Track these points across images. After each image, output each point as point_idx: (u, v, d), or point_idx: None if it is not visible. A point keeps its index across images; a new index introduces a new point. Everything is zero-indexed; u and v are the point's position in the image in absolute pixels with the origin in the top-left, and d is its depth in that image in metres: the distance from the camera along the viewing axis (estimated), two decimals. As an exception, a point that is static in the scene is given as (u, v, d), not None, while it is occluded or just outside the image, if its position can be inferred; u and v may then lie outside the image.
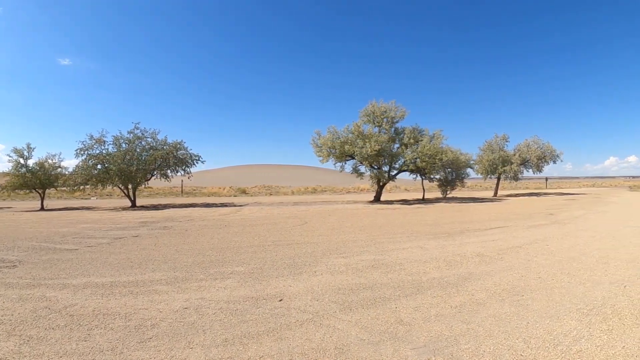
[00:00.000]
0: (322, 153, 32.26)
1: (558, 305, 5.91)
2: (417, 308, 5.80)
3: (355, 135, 31.65)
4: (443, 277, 7.60)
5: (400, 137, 33.68)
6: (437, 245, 11.11)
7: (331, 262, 8.94)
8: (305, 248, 10.69)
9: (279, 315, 5.46)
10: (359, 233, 13.64)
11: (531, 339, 4.69)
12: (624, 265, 8.51)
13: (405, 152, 32.37)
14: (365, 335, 4.78)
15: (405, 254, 9.80)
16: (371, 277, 7.60)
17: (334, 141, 31.79)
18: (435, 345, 4.52)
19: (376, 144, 29.65)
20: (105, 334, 4.89)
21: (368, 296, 6.37)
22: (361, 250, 10.40)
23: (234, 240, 12.22)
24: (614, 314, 5.55)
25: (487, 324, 5.19)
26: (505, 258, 9.30)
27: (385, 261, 9.00)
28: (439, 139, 33.32)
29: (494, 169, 43.22)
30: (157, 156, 29.76)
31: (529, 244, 11.08)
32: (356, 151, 30.56)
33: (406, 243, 11.46)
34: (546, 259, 9.21)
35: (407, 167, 33.42)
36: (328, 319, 5.34)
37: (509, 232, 13.54)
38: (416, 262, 8.87)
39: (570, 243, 11.26)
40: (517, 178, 44.25)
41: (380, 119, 32.82)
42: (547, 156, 43.57)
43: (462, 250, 10.21)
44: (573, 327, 5.06)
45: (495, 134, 46.29)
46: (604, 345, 4.52)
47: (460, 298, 6.30)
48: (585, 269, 8.15)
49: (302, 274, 7.79)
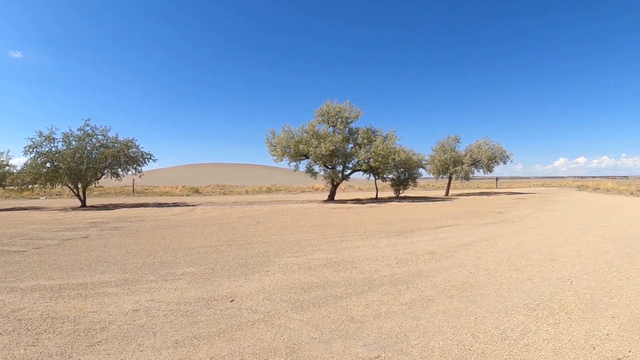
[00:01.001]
0: (277, 152, 32.19)
1: (506, 301, 6.11)
2: (368, 305, 5.87)
3: (310, 134, 31.70)
4: (394, 274, 7.72)
5: (354, 137, 34.06)
6: (389, 243, 11.26)
7: (284, 261, 8.93)
8: (258, 248, 10.61)
9: (230, 316, 5.42)
10: (312, 232, 13.68)
11: (479, 334, 4.83)
12: (571, 261, 8.88)
13: (359, 152, 32.70)
14: (316, 333, 4.81)
15: (357, 253, 9.90)
16: (323, 275, 7.64)
17: (288, 140, 31.82)
18: (386, 341, 4.60)
19: (330, 143, 29.82)
20: (54, 338, 4.72)
21: (320, 295, 6.40)
22: (314, 249, 10.43)
23: (185, 240, 12.00)
24: (560, 308, 5.78)
25: (436, 319, 5.31)
26: (455, 255, 9.54)
27: (338, 260, 9.07)
28: (392, 139, 33.82)
29: (446, 169, 44.18)
30: (107, 154, 28.66)
31: (479, 242, 11.42)
32: (310, 151, 30.65)
33: (358, 242, 11.58)
34: (495, 256, 9.51)
35: (361, 167, 33.80)
36: (279, 318, 5.33)
37: (459, 231, 13.89)
38: (368, 261, 8.98)
39: (519, 240, 11.67)
40: (468, 178, 45.43)
41: (335, 119, 33.09)
42: (497, 157, 44.95)
43: (413, 248, 10.39)
44: (521, 321, 5.25)
45: (447, 135, 47.44)
46: (550, 338, 4.70)
47: (411, 295, 6.41)
48: (533, 266, 8.46)
49: (254, 274, 7.74)
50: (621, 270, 8.06)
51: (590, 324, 5.16)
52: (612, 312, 5.63)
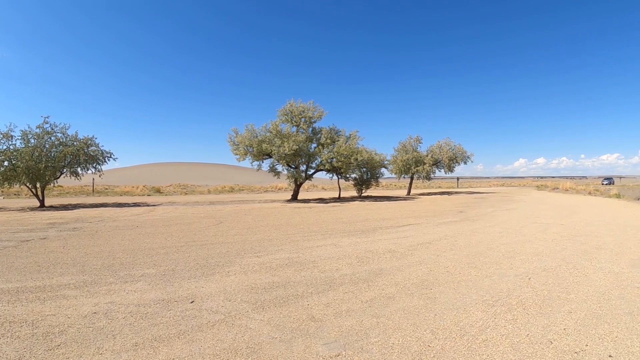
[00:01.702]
0: (239, 151, 31.86)
1: (465, 298, 6.19)
2: (328, 304, 5.86)
3: (273, 134, 31.61)
4: (355, 273, 7.74)
5: (318, 137, 34.12)
6: (351, 242, 11.29)
7: (245, 261, 8.83)
8: (220, 248, 10.48)
9: (191, 317, 5.34)
10: (274, 232, 13.59)
11: (439, 330, 4.86)
12: (529, 258, 9.08)
13: (322, 151, 32.79)
14: (277, 333, 4.78)
15: (319, 252, 9.90)
16: (285, 275, 7.60)
17: (251, 139, 31.56)
18: (346, 339, 4.60)
19: (294, 143, 29.79)
20: (12, 342, 4.55)
21: (281, 294, 6.37)
22: (276, 249, 10.36)
23: (145, 241, 11.73)
24: (518, 304, 5.88)
25: (396, 317, 5.33)
26: (416, 253, 9.63)
27: (300, 259, 9.05)
28: (355, 139, 34.06)
29: (408, 168, 44.69)
30: (67, 152, 27.69)
31: (439, 240, 11.56)
32: (274, 150, 30.56)
33: (321, 241, 11.57)
34: (455, 253, 9.64)
35: (324, 167, 33.89)
36: (240, 318, 5.28)
37: (420, 229, 14.05)
38: (329, 260, 8.98)
39: (479, 238, 11.87)
40: (430, 178, 46.06)
41: (298, 118, 33.11)
42: (458, 157, 45.79)
43: (374, 247, 10.44)
44: (479, 317, 5.31)
45: (409, 135, 48.03)
46: (508, 334, 4.78)
47: (371, 293, 6.43)
48: (491, 263, 8.62)
49: (214, 275, 7.64)
50: (578, 267, 8.27)
51: (547, 319, 5.26)
52: (569, 307, 5.76)
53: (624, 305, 5.86)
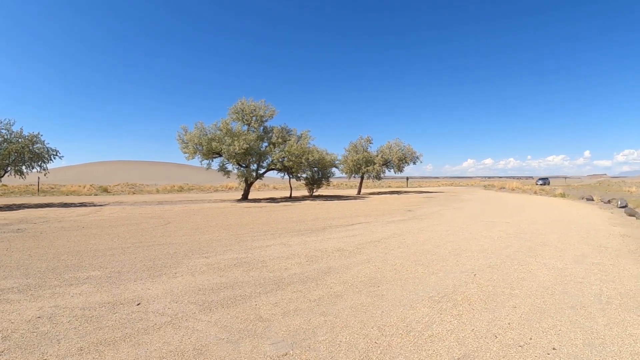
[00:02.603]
0: (188, 150, 31.23)
1: (412, 294, 6.27)
2: (276, 304, 5.84)
3: (224, 132, 31.14)
4: (304, 272, 7.74)
5: (269, 136, 33.95)
6: (300, 241, 11.28)
7: (193, 262, 8.68)
8: (167, 249, 10.24)
9: (137, 320, 5.21)
10: (223, 232, 13.41)
11: (385, 327, 4.90)
12: (475, 255, 9.31)
13: (273, 151, 32.67)
14: (224, 334, 4.72)
15: (268, 252, 9.84)
16: (232, 276, 7.51)
17: (201, 137, 31.02)
18: (294, 338, 4.59)
19: (244, 142, 29.50)
20: None
21: (228, 295, 6.29)
22: (225, 249, 10.23)
23: (91, 242, 11.32)
24: (464, 300, 6.01)
25: (344, 314, 5.35)
26: (364, 252, 9.71)
27: (248, 259, 8.96)
28: (306, 139, 34.13)
29: (358, 168, 45.15)
30: (11, 150, 26.43)
31: (387, 238, 11.71)
32: (224, 149, 30.08)
33: (270, 240, 11.50)
34: (402, 251, 9.78)
35: (275, 166, 33.77)
36: (187, 320, 5.19)
37: (369, 228, 14.20)
38: (278, 259, 8.95)
39: (426, 237, 12.09)
40: (380, 177, 46.68)
41: (250, 117, 32.76)
42: (407, 157, 46.62)
43: (323, 246, 10.47)
44: (425, 313, 5.39)
45: (360, 136, 48.59)
46: (454, 329, 4.87)
47: (320, 291, 6.44)
48: (438, 260, 8.79)
49: (161, 276, 7.47)
50: (522, 263, 8.54)
51: (492, 314, 5.39)
52: (513, 302, 5.91)
53: (567, 300, 6.07)
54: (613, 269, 8.12)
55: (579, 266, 8.35)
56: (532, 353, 4.28)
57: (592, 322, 5.17)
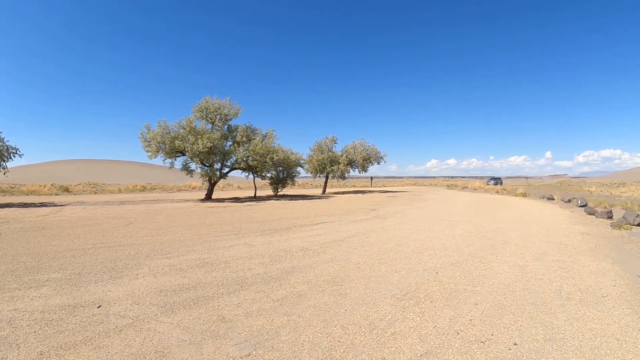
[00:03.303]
0: (151, 148, 30.47)
1: (375, 293, 6.31)
2: (239, 304, 5.79)
3: (187, 130, 30.54)
4: (267, 272, 7.70)
5: (233, 135, 33.57)
6: (264, 241, 11.22)
7: (155, 263, 8.53)
8: (129, 250, 10.04)
9: (98, 323, 5.09)
10: (186, 232, 13.22)
11: (349, 325, 4.92)
12: (437, 253, 9.44)
13: (237, 150, 32.34)
14: (186, 336, 4.67)
15: (231, 252, 9.75)
16: (195, 276, 7.42)
17: (163, 136, 30.28)
18: (257, 339, 4.57)
19: (208, 140, 29.04)
20: None
21: (191, 296, 6.21)
22: (187, 250, 10.09)
23: (52, 244, 10.98)
24: (426, 297, 6.08)
25: (307, 314, 5.34)
26: (328, 251, 9.74)
27: (211, 260, 8.86)
28: (271, 138, 33.96)
29: (323, 168, 45.22)
30: None
31: (351, 237, 11.77)
32: (187, 147, 29.51)
33: (233, 241, 11.40)
34: (366, 250, 9.84)
35: (239, 165, 33.42)
36: (149, 322, 5.10)
37: (333, 227, 14.24)
38: (242, 259, 8.87)
39: (389, 235, 12.21)
40: (344, 177, 46.91)
41: (214, 115, 32.29)
42: (372, 157, 46.97)
43: (287, 246, 10.44)
44: (388, 311, 5.43)
45: (325, 136, 48.69)
46: (416, 326, 4.92)
47: (283, 291, 6.42)
48: (401, 258, 8.88)
49: (123, 278, 7.31)
50: (484, 261, 8.69)
51: (454, 311, 5.46)
52: (475, 299, 6.01)
53: (528, 296, 6.21)
54: (573, 266, 8.34)
55: (540, 263, 8.55)
56: (494, 349, 4.35)
57: (552, 317, 5.30)
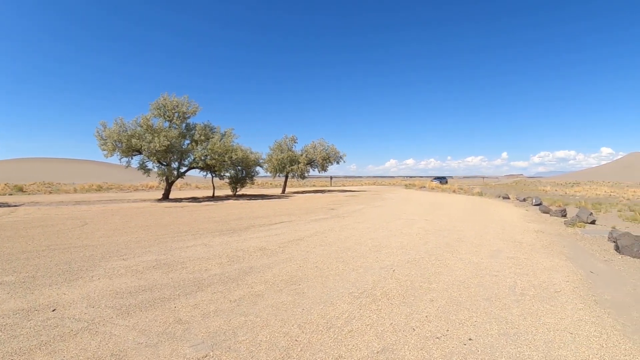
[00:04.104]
0: (107, 147, 29.42)
1: (332, 291, 6.36)
2: (196, 305, 5.74)
3: (144, 128, 29.69)
4: (224, 272, 7.65)
5: (192, 134, 32.91)
6: (222, 242, 11.12)
7: (110, 265, 8.34)
8: (84, 252, 9.77)
9: (52, 327, 4.98)
10: (142, 233, 12.97)
11: (306, 324, 4.95)
12: (394, 252, 9.57)
13: (195, 148, 31.76)
14: (143, 338, 4.61)
15: (188, 253, 9.63)
16: (151, 278, 7.30)
17: (120, 134, 29.22)
18: (214, 340, 4.55)
19: (165, 139, 28.40)
20: None
21: (147, 298, 6.12)
22: (143, 251, 9.91)
23: (5, 246, 10.58)
24: (383, 295, 6.16)
25: (264, 314, 5.34)
26: (286, 250, 9.74)
27: (168, 261, 8.73)
28: (230, 137, 33.49)
29: (283, 167, 45.09)
30: None
31: (310, 237, 11.82)
32: (144, 146, 28.74)
33: (191, 241, 11.26)
34: (324, 249, 9.90)
35: (197, 164, 32.86)
36: (104, 325, 5.01)
37: (292, 226, 14.24)
38: (199, 260, 8.78)
39: (347, 234, 12.31)
40: (304, 176, 46.88)
41: (172, 113, 31.56)
42: (331, 157, 47.10)
43: (245, 246, 10.38)
44: (345, 309, 5.48)
45: (285, 135, 48.49)
46: (373, 323, 4.99)
47: (240, 292, 6.39)
48: (359, 257, 8.97)
49: (78, 280, 7.14)
50: (440, 258, 8.87)
51: (410, 308, 5.56)
52: (430, 296, 6.13)
53: (483, 292, 6.37)
54: (527, 263, 8.60)
55: (495, 260, 8.78)
56: (449, 344, 4.45)
57: (506, 313, 5.45)
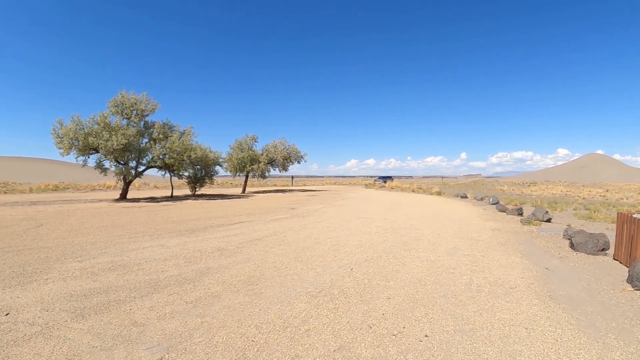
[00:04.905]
0: (64, 145, 28.42)
1: (290, 291, 6.37)
2: (152, 307, 5.66)
3: (101, 126, 28.82)
4: (181, 273, 7.56)
5: (150, 132, 32.17)
6: (179, 242, 10.98)
7: (65, 267, 8.12)
8: (38, 253, 9.49)
9: (5, 331, 4.84)
10: (99, 234, 12.66)
11: (263, 325, 4.94)
12: (353, 250, 9.65)
13: (154, 147, 31.14)
14: (97, 342, 4.53)
15: (145, 254, 9.47)
16: (107, 280, 7.14)
17: (77, 132, 28.31)
18: (169, 342, 4.51)
19: (123, 137, 27.65)
20: None
21: (102, 300, 5.99)
22: (99, 252, 9.68)
23: None
24: (340, 293, 6.20)
25: (221, 315, 5.31)
26: (245, 251, 9.69)
27: (124, 262, 8.56)
28: (189, 135, 32.97)
29: (243, 167, 44.79)
30: None
31: (269, 237, 11.78)
32: (101, 144, 27.91)
33: (148, 242, 11.07)
34: (283, 249, 9.90)
35: (155, 163, 32.22)
36: (59, 329, 4.90)
37: (251, 226, 14.16)
38: (155, 261, 8.65)
39: (307, 234, 12.34)
40: (265, 176, 46.70)
41: (130, 110, 30.69)
42: (292, 156, 47.08)
43: (203, 246, 10.27)
44: (302, 309, 5.50)
45: (245, 134, 48.13)
46: (330, 322, 5.02)
47: (197, 293, 6.34)
48: (317, 256, 9.01)
49: (32, 283, 6.94)
50: (397, 256, 8.98)
51: (367, 306, 5.61)
52: (387, 294, 6.20)
53: (439, 289, 6.49)
54: (483, 260, 8.81)
55: (451, 258, 8.96)
56: (406, 341, 4.52)
57: (462, 309, 5.57)
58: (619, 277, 7.62)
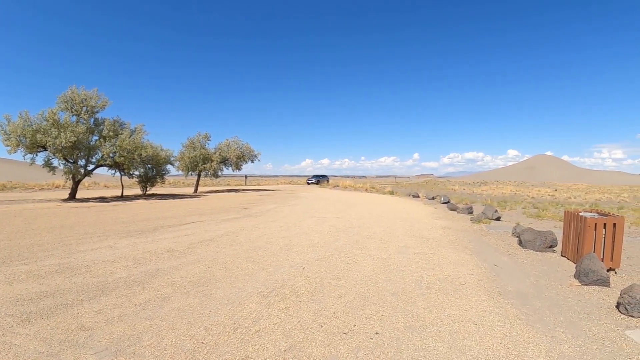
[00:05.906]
0: (11, 142, 27.18)
1: (240, 291, 6.35)
2: (100, 311, 5.53)
3: (50, 123, 27.74)
4: (130, 275, 7.41)
5: (100, 129, 31.14)
6: (129, 243, 10.74)
7: (11, 270, 7.81)
8: (-19, 258, 9.10)
9: None
10: (46, 235, 12.22)
11: (213, 326, 4.91)
12: (305, 250, 9.68)
13: (103, 145, 30.22)
14: (44, 347, 4.39)
15: (93, 255, 9.21)
16: (54, 283, 6.92)
17: (24, 129, 27.24)
18: (118, 346, 4.42)
19: (72, 134, 26.67)
20: None
21: (49, 304, 5.81)
22: (46, 254, 9.34)
23: None
24: (291, 293, 6.23)
25: (170, 317, 5.25)
26: (195, 251, 9.57)
27: (72, 264, 8.30)
28: (140, 133, 32.16)
29: (195, 166, 44.15)
30: None
31: (220, 237, 11.67)
32: (49, 141, 26.86)
33: (96, 243, 10.77)
34: (234, 249, 9.84)
35: (105, 162, 31.25)
36: (4, 335, 4.72)
37: (202, 227, 13.98)
38: (104, 263, 8.43)
39: (259, 233, 12.29)
40: (217, 175, 46.17)
41: (80, 107, 29.51)
42: (245, 156, 46.70)
43: (153, 247, 10.08)
44: (253, 309, 5.50)
45: (197, 132, 47.41)
46: (281, 322, 5.04)
47: (146, 295, 6.23)
48: (269, 256, 9.00)
49: (-27, 288, 6.64)
50: (349, 255, 9.07)
51: (318, 304, 5.65)
52: (339, 292, 6.27)
53: (390, 287, 6.59)
54: (433, 257, 9.00)
55: (402, 256, 9.11)
56: (356, 339, 4.57)
57: (412, 306, 5.68)
58: (567, 273, 7.94)
